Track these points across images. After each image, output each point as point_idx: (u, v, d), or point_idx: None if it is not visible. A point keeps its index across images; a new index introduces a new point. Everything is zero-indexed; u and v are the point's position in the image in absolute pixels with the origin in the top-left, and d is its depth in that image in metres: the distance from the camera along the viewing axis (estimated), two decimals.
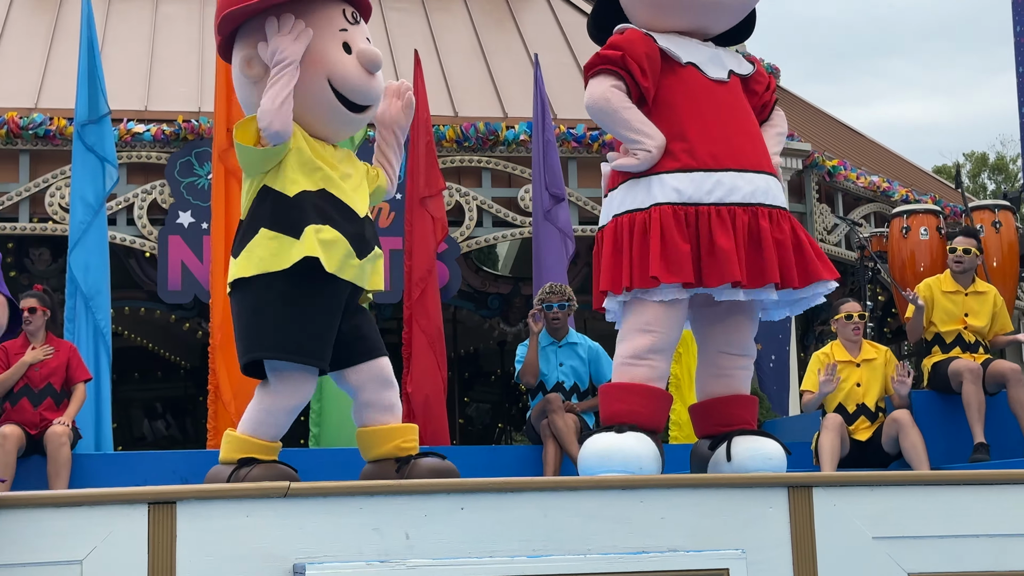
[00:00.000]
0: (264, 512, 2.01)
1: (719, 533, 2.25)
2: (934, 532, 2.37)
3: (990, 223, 6.89)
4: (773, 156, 2.76)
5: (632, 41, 2.63)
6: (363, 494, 2.09)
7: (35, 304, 4.82)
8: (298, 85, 2.46)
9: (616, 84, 2.60)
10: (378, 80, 2.61)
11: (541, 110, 7.04)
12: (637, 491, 2.26)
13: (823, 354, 5.16)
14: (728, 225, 2.53)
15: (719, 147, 2.57)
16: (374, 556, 2.05)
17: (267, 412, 2.54)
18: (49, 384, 4.83)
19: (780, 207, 2.65)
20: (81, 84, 6.18)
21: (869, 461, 4.92)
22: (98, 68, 6.24)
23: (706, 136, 2.59)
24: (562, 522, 2.16)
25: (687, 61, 2.66)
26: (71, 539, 1.95)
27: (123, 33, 8.75)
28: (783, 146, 2.92)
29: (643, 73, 2.58)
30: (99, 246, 6.05)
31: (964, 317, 5.08)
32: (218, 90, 6.20)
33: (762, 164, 2.66)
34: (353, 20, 2.59)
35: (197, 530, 1.97)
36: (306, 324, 2.49)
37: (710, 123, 2.61)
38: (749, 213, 2.55)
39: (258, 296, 2.48)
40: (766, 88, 2.82)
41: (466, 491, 2.14)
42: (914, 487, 2.50)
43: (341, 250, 2.46)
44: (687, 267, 2.50)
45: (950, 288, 5.15)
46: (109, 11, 8.87)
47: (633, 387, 2.56)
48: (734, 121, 2.64)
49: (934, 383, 5.15)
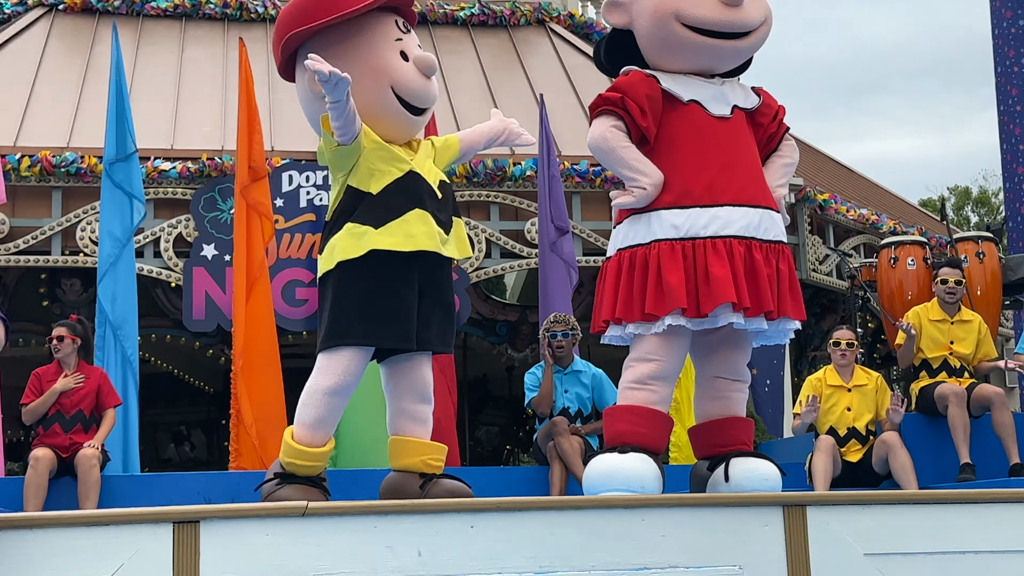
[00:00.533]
0: (283, 531, 2.08)
1: (717, 550, 2.31)
2: (922, 549, 2.43)
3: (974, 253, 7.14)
4: (778, 187, 2.86)
5: (633, 84, 2.76)
6: (377, 513, 2.16)
7: (64, 332, 5.01)
8: (364, 94, 2.62)
9: (616, 124, 2.72)
10: (433, 83, 2.77)
11: (546, 147, 7.34)
12: (639, 510, 2.32)
13: (816, 379, 5.30)
14: (724, 255, 2.64)
15: (717, 182, 2.68)
16: (388, 572, 2.11)
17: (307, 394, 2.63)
18: (80, 410, 5.02)
19: (774, 241, 2.76)
20: (110, 124, 6.55)
21: (860, 481, 5.06)
22: (126, 109, 6.61)
23: (705, 172, 2.70)
24: (567, 539, 2.23)
25: (689, 99, 2.78)
26: (99, 557, 2.01)
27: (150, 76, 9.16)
28: (789, 177, 3.00)
29: (642, 113, 2.70)
30: (127, 277, 6.38)
31: (950, 344, 5.27)
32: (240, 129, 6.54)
33: (758, 198, 2.76)
34: (405, 29, 2.75)
35: (220, 548, 2.04)
36: (366, 307, 2.60)
37: (710, 159, 2.72)
38: (744, 245, 2.66)
39: (335, 285, 2.62)
40: (773, 119, 2.89)
41: (476, 510, 2.21)
42: (903, 505, 2.56)
43: (424, 227, 2.61)
44: (680, 296, 2.60)
45: (937, 316, 5.35)
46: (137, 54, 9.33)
47: (636, 409, 2.66)
48: (734, 156, 2.75)
49: (921, 406, 5.32)
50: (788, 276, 2.79)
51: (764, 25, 2.89)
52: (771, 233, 2.76)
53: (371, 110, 2.66)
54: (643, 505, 2.35)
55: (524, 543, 2.21)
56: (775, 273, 2.70)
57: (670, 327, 2.64)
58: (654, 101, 2.73)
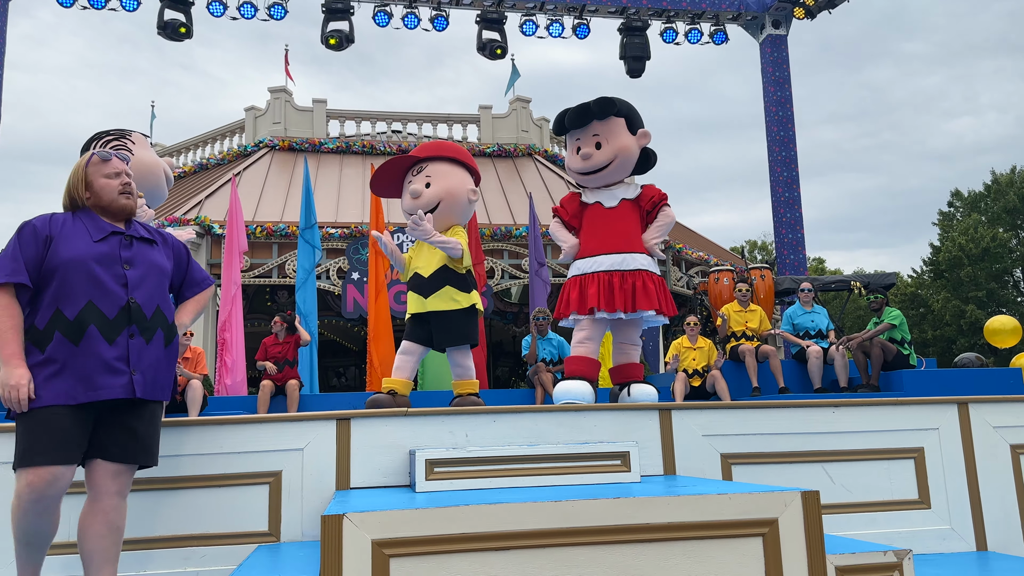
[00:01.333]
0: (395, 424, 3.44)
1: (624, 433, 3.60)
2: (733, 432, 3.70)
3: (759, 275, 11.01)
4: (651, 239, 4.45)
5: (565, 201, 4.52)
6: (443, 415, 3.51)
7: (278, 319, 8.60)
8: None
9: (557, 220, 4.53)
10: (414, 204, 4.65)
11: (532, 220, 12.35)
12: (583, 412, 3.62)
13: (676, 343, 8.52)
14: (595, 281, 4.36)
15: (599, 243, 4.40)
16: (449, 445, 3.44)
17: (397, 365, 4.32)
18: (286, 358, 8.30)
19: (634, 269, 4.37)
20: (303, 207, 11.23)
21: (700, 397, 8.14)
22: (311, 198, 11.28)
23: (594, 238, 4.42)
24: (545, 428, 3.54)
25: (593, 201, 4.50)
26: (298, 437, 3.36)
27: (324, 182, 16.01)
28: (663, 231, 4.54)
29: (568, 215, 4.47)
30: (311, 290, 10.79)
31: (745, 323, 8.48)
32: (371, 211, 10.63)
33: (622, 247, 4.39)
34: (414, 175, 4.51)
35: (361, 433, 3.40)
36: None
37: (598, 230, 4.42)
38: (607, 275, 4.35)
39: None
40: (649, 200, 4.51)
41: (496, 413, 3.55)
42: (722, 410, 3.80)
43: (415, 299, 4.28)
44: (582, 303, 4.35)
45: (737, 309, 8.69)
46: (318, 171, 16.77)
47: (579, 358, 4.37)
48: (613, 227, 4.42)
49: (732, 356, 8.54)
50: (643, 287, 4.38)
51: (616, 159, 4.43)
52: (631, 265, 4.41)
53: None
54: (585, 410, 3.64)
55: (521, 430, 3.52)
56: (631, 287, 4.33)
57: (591, 316, 4.33)
58: (574, 206, 4.49)
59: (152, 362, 2.85)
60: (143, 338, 2.84)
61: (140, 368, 2.81)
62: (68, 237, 2.85)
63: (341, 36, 14.39)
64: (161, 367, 2.90)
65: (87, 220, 2.94)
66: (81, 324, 2.74)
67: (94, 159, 3.01)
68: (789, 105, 16.27)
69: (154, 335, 2.89)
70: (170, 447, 3.26)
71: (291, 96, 18.73)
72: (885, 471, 3.83)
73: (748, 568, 2.42)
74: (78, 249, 2.81)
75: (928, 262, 37.56)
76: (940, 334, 34.01)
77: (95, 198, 2.98)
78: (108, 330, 2.77)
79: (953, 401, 4.01)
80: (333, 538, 2.17)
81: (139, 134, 3.94)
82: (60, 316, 2.75)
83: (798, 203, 15.91)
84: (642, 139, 4.51)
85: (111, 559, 2.77)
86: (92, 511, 2.78)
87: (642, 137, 4.51)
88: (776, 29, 16.41)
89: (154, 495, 3.24)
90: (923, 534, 3.81)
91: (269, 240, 14.30)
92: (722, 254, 19.29)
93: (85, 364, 2.72)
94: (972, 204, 38.22)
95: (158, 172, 3.83)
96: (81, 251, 2.81)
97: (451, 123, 19.46)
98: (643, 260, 4.44)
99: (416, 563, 2.22)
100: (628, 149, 4.46)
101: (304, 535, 3.28)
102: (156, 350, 2.88)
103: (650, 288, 4.36)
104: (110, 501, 2.77)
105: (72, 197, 2.97)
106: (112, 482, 2.78)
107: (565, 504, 2.35)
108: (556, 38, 15.24)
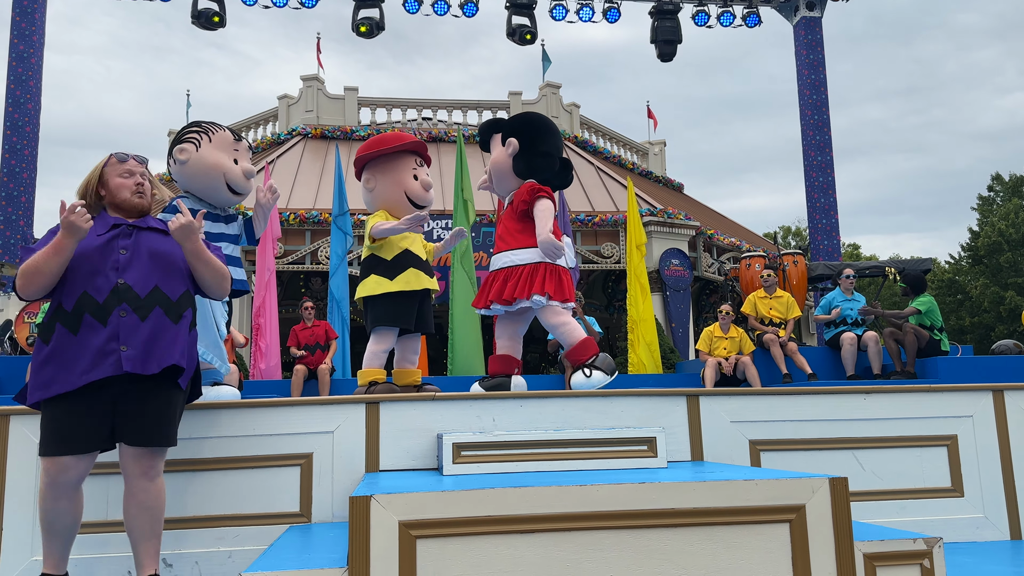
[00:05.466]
0: (423, 407, 3.49)
1: (651, 418, 3.58)
2: (762, 418, 3.67)
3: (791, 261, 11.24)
4: (539, 233, 4.24)
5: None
6: (470, 399, 3.55)
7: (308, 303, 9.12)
8: (390, 196, 4.35)
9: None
10: (431, 193, 4.49)
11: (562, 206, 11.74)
12: (610, 398, 3.63)
13: (708, 330, 8.46)
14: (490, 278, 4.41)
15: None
16: (476, 429, 3.48)
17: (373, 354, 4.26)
18: (317, 342, 8.48)
19: (507, 266, 4.34)
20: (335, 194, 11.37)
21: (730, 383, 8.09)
22: (343, 186, 11.37)
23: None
24: (572, 413, 3.56)
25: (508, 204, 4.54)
26: (329, 419, 3.42)
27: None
28: (543, 222, 4.28)
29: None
30: (343, 276, 10.81)
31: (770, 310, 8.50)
32: None
33: (501, 248, 4.44)
34: (419, 164, 4.44)
35: (390, 416, 3.46)
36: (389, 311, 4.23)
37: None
38: (495, 272, 4.39)
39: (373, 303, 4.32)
40: (523, 201, 4.36)
41: (524, 398, 3.58)
42: (752, 396, 3.75)
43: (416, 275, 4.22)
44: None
45: (762, 295, 8.67)
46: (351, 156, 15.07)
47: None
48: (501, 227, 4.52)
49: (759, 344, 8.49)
50: (515, 279, 4.30)
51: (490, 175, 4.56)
52: (513, 262, 4.35)
53: (392, 204, 4.37)
54: (613, 396, 3.64)
55: (549, 415, 3.54)
56: (502, 282, 4.31)
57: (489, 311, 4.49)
58: None
59: (147, 337, 2.88)
60: (137, 316, 2.88)
61: (132, 343, 2.85)
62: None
63: (372, 24, 14.45)
64: (161, 342, 2.91)
65: (96, 219, 3.04)
66: (78, 314, 2.84)
67: (112, 160, 3.14)
68: (824, 88, 16.01)
69: (150, 312, 2.91)
70: (204, 429, 3.34)
71: (323, 84, 18.88)
72: (917, 458, 3.80)
73: (774, 554, 2.41)
74: (82, 246, 2.91)
75: (967, 247, 36.84)
76: (978, 321, 33.40)
77: (110, 195, 3.09)
78: (100, 313, 2.84)
79: (988, 388, 3.96)
80: (361, 519, 2.21)
81: (224, 133, 3.98)
82: (60, 309, 2.88)
83: (832, 188, 15.68)
84: (508, 147, 4.47)
85: (148, 536, 2.86)
86: (127, 493, 2.90)
87: (508, 146, 4.47)
88: (810, 11, 16.15)
89: (188, 476, 3.32)
90: (956, 522, 3.78)
91: (302, 227, 14.49)
92: (755, 240, 19.14)
93: (81, 350, 2.81)
94: (1013, 188, 37.38)
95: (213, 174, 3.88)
96: (84, 247, 2.91)
97: (481, 109, 19.46)
98: (517, 255, 4.41)
99: (442, 544, 2.25)
100: (497, 162, 4.54)
101: (334, 516, 3.34)
102: (153, 326, 2.90)
103: (514, 279, 4.35)
104: (137, 483, 2.87)
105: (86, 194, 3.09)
106: (135, 465, 2.87)
107: (591, 488, 2.36)
108: (586, 22, 15.14)
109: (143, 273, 2.95)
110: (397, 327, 4.37)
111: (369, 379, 4.28)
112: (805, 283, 11.11)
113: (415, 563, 2.22)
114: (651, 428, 3.38)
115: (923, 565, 2.53)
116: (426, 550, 2.24)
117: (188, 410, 3.31)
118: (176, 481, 3.28)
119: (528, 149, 4.44)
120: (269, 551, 2.75)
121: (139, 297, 2.91)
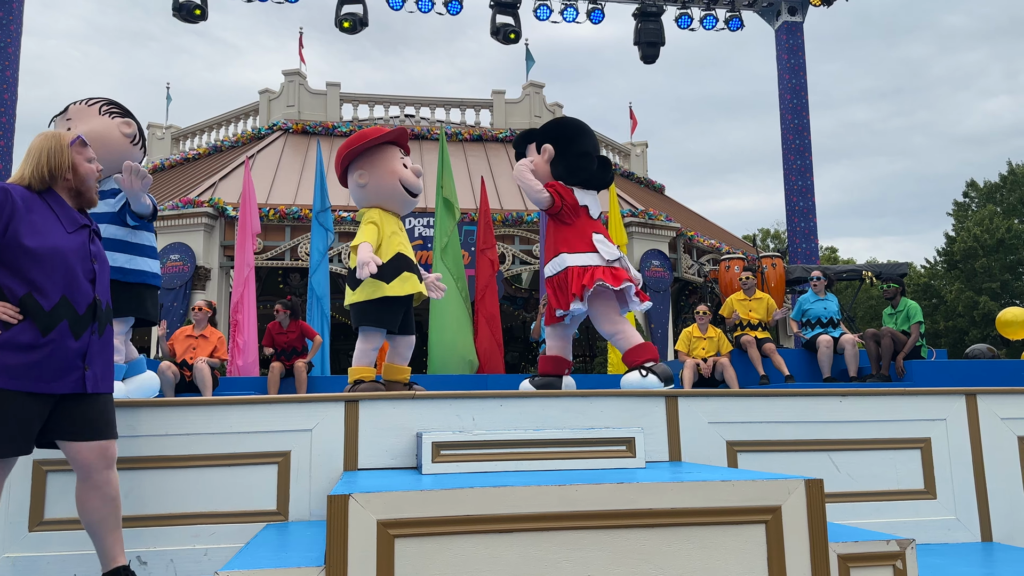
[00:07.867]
0: (403, 406, 3.47)
1: (631, 419, 3.58)
2: (739, 419, 3.68)
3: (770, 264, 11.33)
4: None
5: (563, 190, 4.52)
6: (450, 398, 3.52)
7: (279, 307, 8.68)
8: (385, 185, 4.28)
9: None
10: (420, 180, 4.44)
11: None
12: (590, 398, 3.61)
13: (687, 331, 8.42)
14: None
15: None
16: (456, 428, 3.45)
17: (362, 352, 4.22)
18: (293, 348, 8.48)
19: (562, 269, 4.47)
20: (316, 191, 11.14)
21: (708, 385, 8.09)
22: (324, 182, 11.17)
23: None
24: (552, 413, 3.55)
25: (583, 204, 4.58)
26: (307, 419, 3.39)
27: None
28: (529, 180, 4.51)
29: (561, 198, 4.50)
30: (325, 273, 10.78)
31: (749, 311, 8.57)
32: None
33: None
34: (402, 154, 4.44)
35: (370, 415, 3.43)
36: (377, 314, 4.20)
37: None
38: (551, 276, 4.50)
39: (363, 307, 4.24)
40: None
41: (503, 397, 3.56)
42: (730, 398, 3.76)
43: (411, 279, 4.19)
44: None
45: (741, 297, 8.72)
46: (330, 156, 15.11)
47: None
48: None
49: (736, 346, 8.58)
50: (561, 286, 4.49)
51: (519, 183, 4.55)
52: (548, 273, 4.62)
53: (388, 195, 4.32)
54: (592, 396, 3.64)
55: (528, 414, 3.53)
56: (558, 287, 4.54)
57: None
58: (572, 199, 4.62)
59: (105, 357, 2.89)
60: (100, 335, 2.89)
61: (94, 364, 2.84)
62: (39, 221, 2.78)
63: (355, 19, 14.38)
64: (108, 361, 2.93)
65: (55, 205, 2.86)
66: (55, 318, 2.73)
67: (78, 141, 2.95)
68: (804, 93, 16.16)
69: (105, 330, 2.93)
70: (180, 426, 3.31)
71: (305, 80, 18.75)
72: (891, 461, 3.84)
73: (751, 554, 2.43)
74: (55, 238, 2.77)
75: (942, 252, 37.30)
76: (953, 325, 33.83)
77: (76, 181, 2.92)
78: (77, 326, 2.78)
79: (961, 392, 4.01)
80: (339, 518, 2.20)
81: (74, 106, 3.71)
82: (36, 304, 2.72)
83: (811, 192, 15.83)
84: (544, 154, 4.56)
85: (113, 527, 2.85)
86: (87, 487, 2.82)
87: (544, 152, 4.55)
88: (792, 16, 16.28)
89: (164, 473, 3.28)
90: (928, 524, 3.82)
91: (282, 223, 14.43)
92: (734, 242, 19.35)
93: (50, 357, 2.72)
94: (988, 195, 37.89)
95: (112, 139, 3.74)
96: (59, 242, 2.78)
97: (464, 108, 19.43)
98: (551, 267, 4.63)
99: (421, 544, 2.25)
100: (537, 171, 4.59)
101: (312, 514, 3.32)
102: (105, 344, 2.91)
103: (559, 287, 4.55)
104: (102, 475, 2.82)
105: (52, 175, 2.86)
106: (100, 458, 2.82)
107: (569, 488, 2.37)
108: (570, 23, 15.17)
109: (103, 287, 2.93)
110: (383, 329, 4.37)
111: (355, 377, 4.27)
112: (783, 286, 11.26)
113: (393, 562, 2.22)
114: (630, 428, 3.39)
115: (896, 566, 2.56)
116: (404, 549, 2.24)
117: (165, 406, 3.30)
118: (151, 478, 3.25)
119: (564, 152, 4.50)
120: (245, 549, 2.73)
121: (104, 315, 2.91)
